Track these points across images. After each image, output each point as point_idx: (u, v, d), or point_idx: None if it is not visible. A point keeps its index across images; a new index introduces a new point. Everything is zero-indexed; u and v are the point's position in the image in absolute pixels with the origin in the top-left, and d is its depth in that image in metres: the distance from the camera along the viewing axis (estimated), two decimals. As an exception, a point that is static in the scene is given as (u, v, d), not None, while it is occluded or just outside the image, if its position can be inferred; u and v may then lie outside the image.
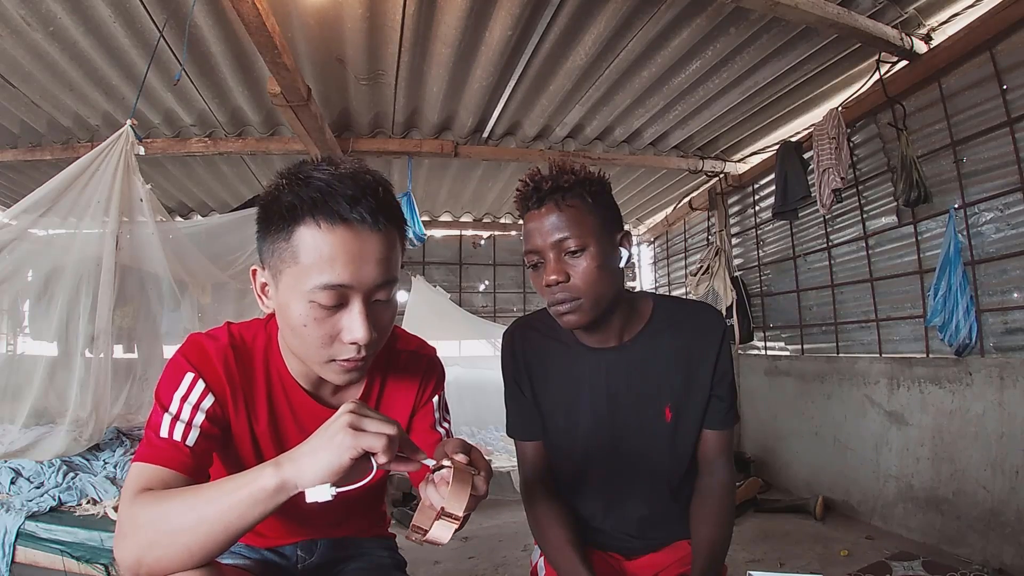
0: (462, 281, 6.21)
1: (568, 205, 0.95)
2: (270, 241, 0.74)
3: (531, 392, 1.11)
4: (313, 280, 0.70)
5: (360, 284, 0.71)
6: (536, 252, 0.97)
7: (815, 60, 2.95)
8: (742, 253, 4.58)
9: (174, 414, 0.76)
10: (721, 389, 1.06)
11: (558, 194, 0.95)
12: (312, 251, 0.70)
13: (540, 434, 1.12)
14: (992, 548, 2.38)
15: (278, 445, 0.88)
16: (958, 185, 2.67)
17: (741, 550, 2.68)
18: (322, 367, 0.77)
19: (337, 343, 0.74)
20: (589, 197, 0.97)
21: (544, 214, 0.96)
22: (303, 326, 0.72)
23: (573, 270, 0.95)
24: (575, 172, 0.97)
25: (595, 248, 0.95)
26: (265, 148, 3.63)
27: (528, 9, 2.47)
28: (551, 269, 0.95)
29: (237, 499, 0.63)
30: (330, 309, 0.72)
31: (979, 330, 2.56)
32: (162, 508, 0.65)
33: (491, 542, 2.78)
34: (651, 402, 1.06)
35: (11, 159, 3.71)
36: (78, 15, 2.42)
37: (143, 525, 0.65)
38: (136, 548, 0.64)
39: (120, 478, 2.46)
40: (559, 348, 1.10)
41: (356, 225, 0.70)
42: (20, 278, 2.75)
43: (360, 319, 0.72)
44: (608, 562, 1.12)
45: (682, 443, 1.07)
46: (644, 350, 1.06)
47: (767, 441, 4.03)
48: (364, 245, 0.71)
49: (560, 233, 0.94)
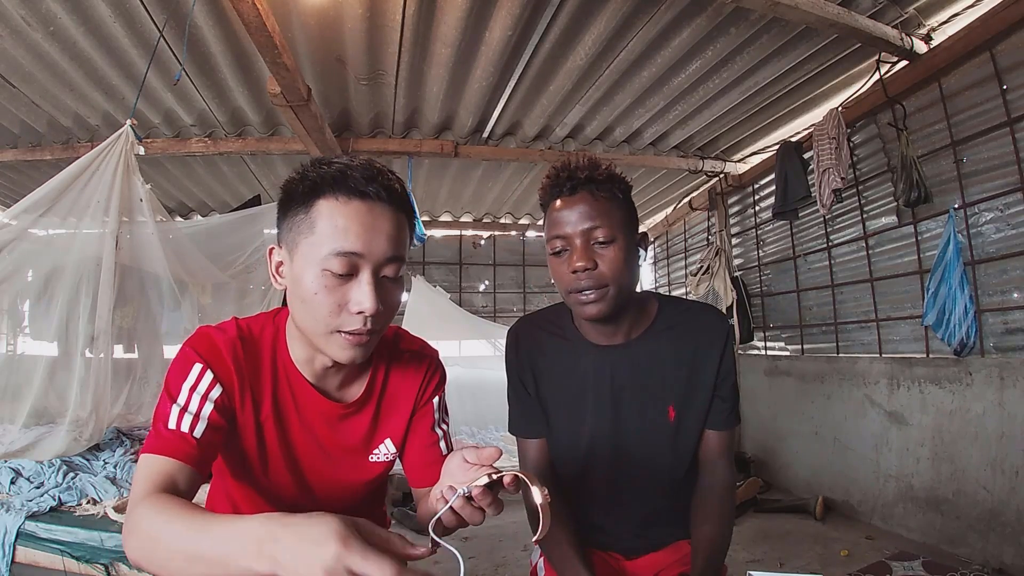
0: (462, 281, 6.20)
1: (601, 196, 0.97)
2: (289, 219, 0.79)
3: (535, 389, 1.12)
4: (327, 247, 0.74)
5: (371, 254, 0.75)
6: (563, 238, 0.98)
7: (815, 60, 2.95)
8: (742, 253, 4.58)
9: (182, 405, 0.77)
10: (724, 390, 1.07)
11: (592, 184, 0.97)
12: (328, 221, 0.74)
13: (543, 432, 1.12)
14: (992, 548, 2.38)
15: (282, 438, 0.89)
16: (958, 185, 2.67)
17: (741, 550, 2.68)
18: (327, 339, 0.78)
19: (345, 313, 0.76)
20: (619, 193, 0.99)
21: (577, 201, 0.97)
22: (314, 294, 0.75)
23: (601, 259, 0.96)
24: (608, 168, 1.00)
25: (623, 242, 0.97)
26: (265, 148, 3.63)
27: (528, 9, 2.47)
28: (579, 255, 0.96)
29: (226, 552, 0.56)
30: (341, 278, 0.75)
31: (979, 330, 2.56)
32: (163, 528, 0.62)
33: (491, 542, 2.78)
34: (655, 401, 1.06)
35: (11, 159, 3.71)
36: (78, 15, 2.42)
37: (145, 538, 0.64)
38: (138, 552, 0.65)
39: (120, 478, 2.46)
40: (564, 345, 1.10)
41: (371, 199, 0.76)
42: (20, 278, 2.75)
43: (368, 289, 0.75)
44: (608, 562, 1.12)
45: (684, 443, 1.07)
46: (649, 349, 1.07)
47: (767, 441, 4.03)
48: (376, 219, 0.76)
49: (592, 222, 0.96)
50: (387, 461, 0.97)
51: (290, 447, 0.90)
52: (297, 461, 0.91)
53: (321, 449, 0.91)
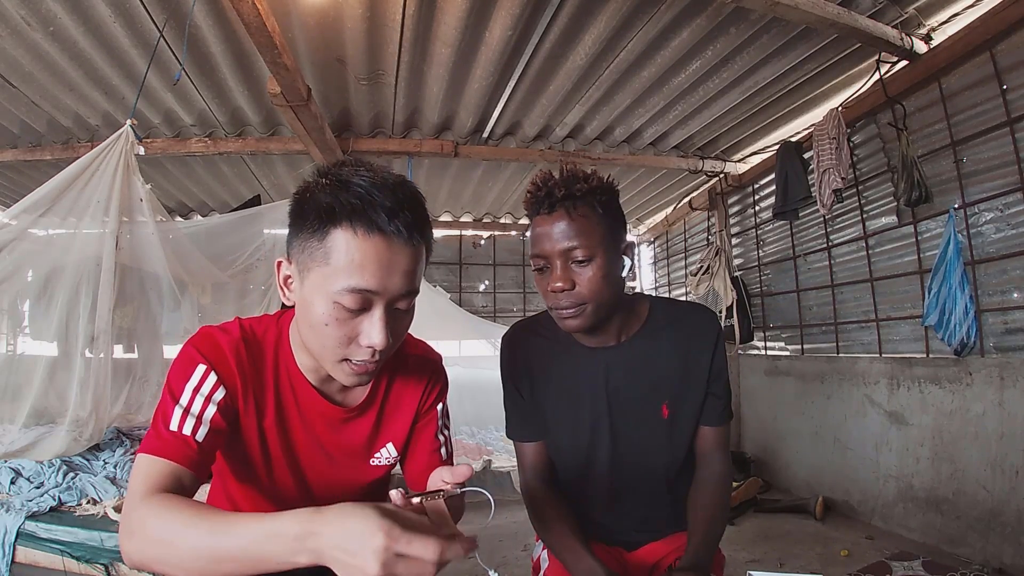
0: (462, 281, 6.20)
1: (579, 214, 0.96)
2: (302, 238, 0.75)
3: (531, 394, 1.13)
4: (341, 282, 0.71)
5: (385, 292, 0.73)
6: (543, 257, 0.99)
7: (815, 60, 2.95)
8: (742, 253, 4.58)
9: (184, 406, 0.76)
10: (716, 387, 1.09)
11: (569, 202, 0.96)
12: (344, 255, 0.71)
13: (540, 435, 1.14)
14: (992, 548, 2.38)
15: (284, 441, 0.88)
16: (958, 185, 2.67)
17: (741, 550, 2.68)
18: (334, 366, 0.78)
19: (354, 345, 0.76)
20: (599, 207, 0.97)
21: (554, 220, 0.96)
22: (324, 324, 0.74)
23: (579, 278, 0.97)
24: (587, 180, 0.98)
25: (602, 259, 0.96)
26: (265, 148, 3.63)
27: (528, 9, 2.47)
28: (557, 276, 0.97)
29: (259, 556, 0.58)
30: (353, 312, 0.73)
31: (979, 330, 2.56)
32: (180, 529, 0.62)
33: (491, 542, 2.78)
34: (649, 400, 1.08)
35: (11, 159, 3.71)
36: (78, 15, 2.42)
37: (155, 538, 0.63)
38: (142, 554, 0.64)
39: (120, 478, 2.46)
40: (558, 349, 1.12)
41: (391, 236, 0.72)
42: (20, 278, 2.76)
43: (380, 325, 0.74)
44: (611, 554, 1.14)
45: (679, 439, 1.10)
46: (642, 349, 1.08)
47: (767, 441, 4.03)
48: (395, 256, 0.73)
49: (569, 242, 0.95)
50: (388, 464, 0.97)
51: (292, 449, 0.90)
52: (299, 463, 0.91)
53: (323, 451, 0.91)
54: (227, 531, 0.59)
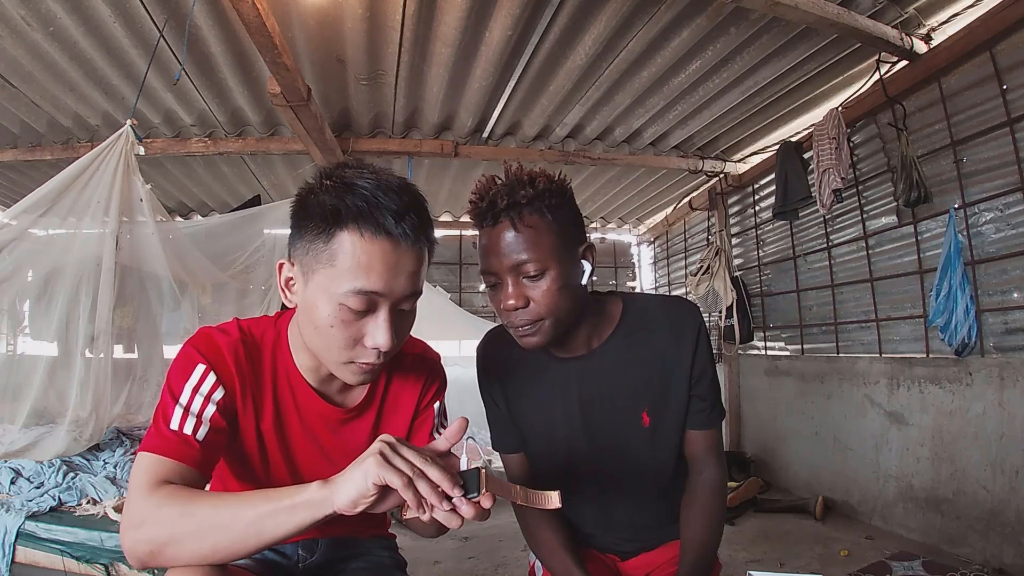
0: (462, 281, 6.20)
1: (526, 225, 0.87)
2: (306, 240, 0.75)
3: (506, 405, 1.09)
4: (347, 284, 0.72)
5: (391, 294, 0.74)
6: (492, 273, 0.91)
7: (815, 60, 2.95)
8: (742, 253, 4.58)
9: (185, 405, 0.76)
10: (701, 388, 1.02)
11: (515, 211, 0.87)
12: (350, 257, 0.72)
13: (520, 447, 1.10)
14: (992, 548, 2.38)
15: (282, 441, 0.89)
16: (958, 185, 2.67)
17: (741, 550, 2.68)
18: (339, 367, 0.79)
19: (359, 347, 0.76)
20: (548, 213, 0.88)
21: (499, 233, 0.88)
22: (329, 327, 0.74)
23: (532, 293, 0.89)
24: (533, 184, 0.88)
25: (556, 270, 0.89)
26: (265, 148, 3.63)
27: (528, 9, 2.47)
28: (509, 294, 0.89)
29: (278, 506, 0.64)
30: (358, 314, 0.74)
31: (979, 330, 2.56)
32: (192, 505, 0.66)
33: (491, 542, 2.78)
34: (627, 408, 1.02)
35: (11, 159, 3.70)
36: (78, 15, 2.42)
37: (168, 519, 0.65)
38: (154, 540, 0.65)
39: (120, 478, 2.46)
40: (529, 359, 1.05)
41: (398, 239, 0.73)
42: (20, 278, 2.75)
43: (385, 326, 0.75)
44: (604, 562, 1.12)
45: (663, 447, 1.04)
46: (615, 355, 1.02)
47: (767, 441, 4.03)
48: (401, 258, 0.74)
49: (518, 256, 0.87)
50: None
51: (290, 450, 0.90)
52: (296, 464, 0.91)
53: (322, 452, 0.91)
54: (241, 503, 0.65)
